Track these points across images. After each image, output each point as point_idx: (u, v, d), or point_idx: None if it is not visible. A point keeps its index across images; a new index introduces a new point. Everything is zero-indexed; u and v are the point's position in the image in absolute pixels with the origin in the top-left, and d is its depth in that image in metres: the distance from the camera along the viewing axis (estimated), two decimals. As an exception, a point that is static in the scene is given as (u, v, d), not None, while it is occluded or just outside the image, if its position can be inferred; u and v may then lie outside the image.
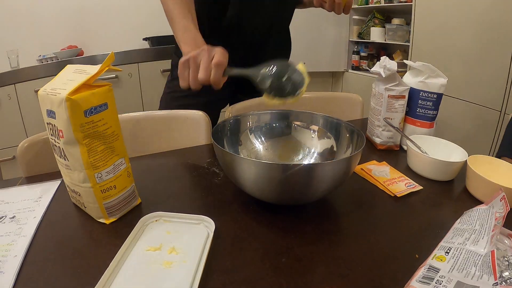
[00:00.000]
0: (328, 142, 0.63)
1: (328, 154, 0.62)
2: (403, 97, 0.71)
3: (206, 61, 0.54)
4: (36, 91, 1.19)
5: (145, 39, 2.34)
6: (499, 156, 0.85)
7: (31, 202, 0.57)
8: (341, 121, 0.61)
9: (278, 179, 0.45)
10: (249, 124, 0.66)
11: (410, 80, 0.73)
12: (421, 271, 0.36)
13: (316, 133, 0.65)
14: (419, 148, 0.66)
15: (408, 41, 2.08)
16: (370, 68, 2.50)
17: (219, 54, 0.54)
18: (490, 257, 0.36)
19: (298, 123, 0.66)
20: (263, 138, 0.66)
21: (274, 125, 0.66)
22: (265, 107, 0.68)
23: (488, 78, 1.60)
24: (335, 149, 0.61)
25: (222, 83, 0.56)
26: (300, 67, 0.55)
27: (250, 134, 0.65)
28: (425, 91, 0.71)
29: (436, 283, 0.34)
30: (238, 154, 0.61)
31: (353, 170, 0.51)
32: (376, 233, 0.48)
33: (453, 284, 0.33)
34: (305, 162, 0.63)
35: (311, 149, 0.64)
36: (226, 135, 0.62)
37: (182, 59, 0.56)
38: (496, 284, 0.32)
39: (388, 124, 0.72)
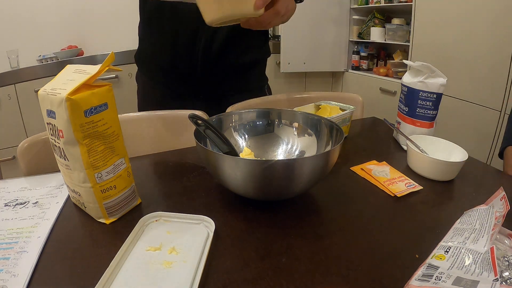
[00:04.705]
0: (309, 139, 0.65)
1: (309, 150, 0.64)
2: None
3: None
4: (36, 91, 1.19)
5: (145, 39, 2.34)
6: (503, 147, 0.83)
7: (54, 189, 0.59)
8: (321, 117, 0.63)
9: (256, 175, 0.47)
10: (233, 122, 0.67)
11: (409, 80, 0.73)
12: (420, 270, 0.36)
13: (297, 130, 0.66)
14: (419, 148, 0.66)
15: (408, 41, 2.08)
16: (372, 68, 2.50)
17: None
18: (490, 254, 0.36)
19: (280, 120, 0.67)
20: (246, 136, 0.67)
21: (257, 123, 0.68)
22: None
23: (488, 78, 1.60)
24: (316, 145, 0.63)
25: None
26: None
27: (234, 132, 0.66)
28: (425, 91, 0.71)
29: (435, 279, 0.34)
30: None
31: (332, 164, 0.52)
32: (376, 233, 0.48)
33: (453, 279, 0.33)
34: (287, 158, 0.64)
35: (293, 146, 0.66)
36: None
37: None
38: (496, 279, 0.32)
39: (388, 124, 0.72)
